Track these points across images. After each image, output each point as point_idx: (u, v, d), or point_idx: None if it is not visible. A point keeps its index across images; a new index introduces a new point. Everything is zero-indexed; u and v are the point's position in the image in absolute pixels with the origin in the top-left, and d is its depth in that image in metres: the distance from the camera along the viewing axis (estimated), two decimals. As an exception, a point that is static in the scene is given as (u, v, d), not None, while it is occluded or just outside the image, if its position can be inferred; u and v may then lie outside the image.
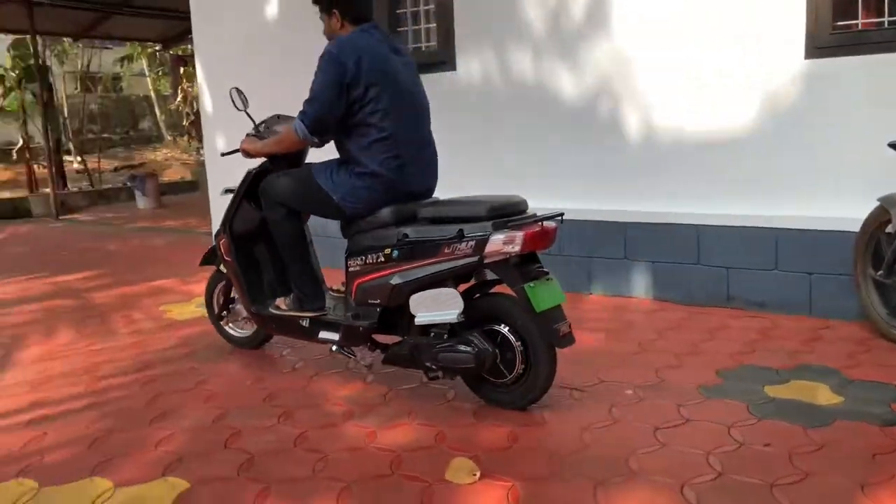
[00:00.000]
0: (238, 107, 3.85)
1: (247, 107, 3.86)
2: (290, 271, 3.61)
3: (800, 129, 4.28)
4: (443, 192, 3.64)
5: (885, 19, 4.10)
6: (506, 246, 2.90)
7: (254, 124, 3.80)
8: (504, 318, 3.08)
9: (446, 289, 3.06)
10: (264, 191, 3.54)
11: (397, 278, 3.15)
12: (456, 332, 3.10)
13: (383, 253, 3.21)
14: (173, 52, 16.44)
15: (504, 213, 3.03)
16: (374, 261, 3.24)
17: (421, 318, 3.10)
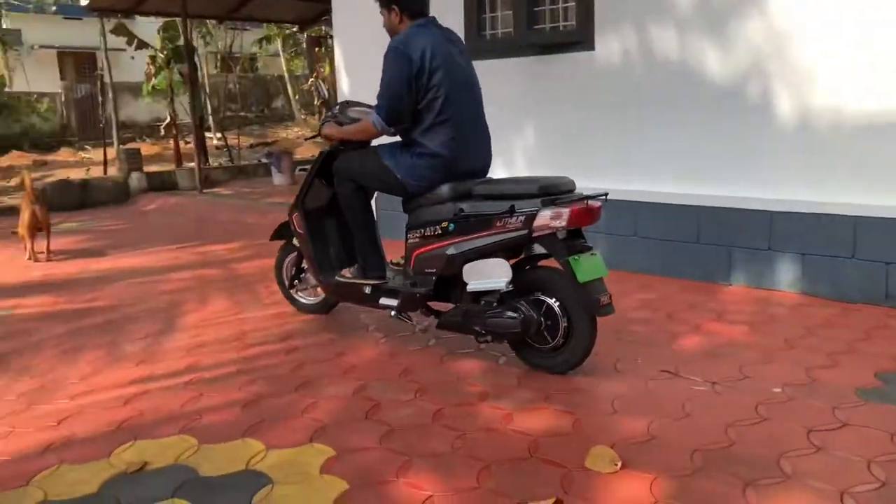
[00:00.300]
0: (321, 96, 4.47)
1: (328, 97, 4.45)
2: (355, 242, 3.97)
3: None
4: (572, 173, 3.62)
5: None
6: (553, 221, 3.17)
7: (331, 111, 4.15)
8: (549, 289, 3.32)
9: (497, 259, 3.33)
10: (337, 169, 3.91)
11: (452, 249, 3.43)
12: (504, 300, 3.35)
13: (440, 226, 3.49)
14: (309, 34, 16.98)
15: (552, 192, 3.27)
16: (432, 233, 3.53)
17: (473, 286, 3.39)
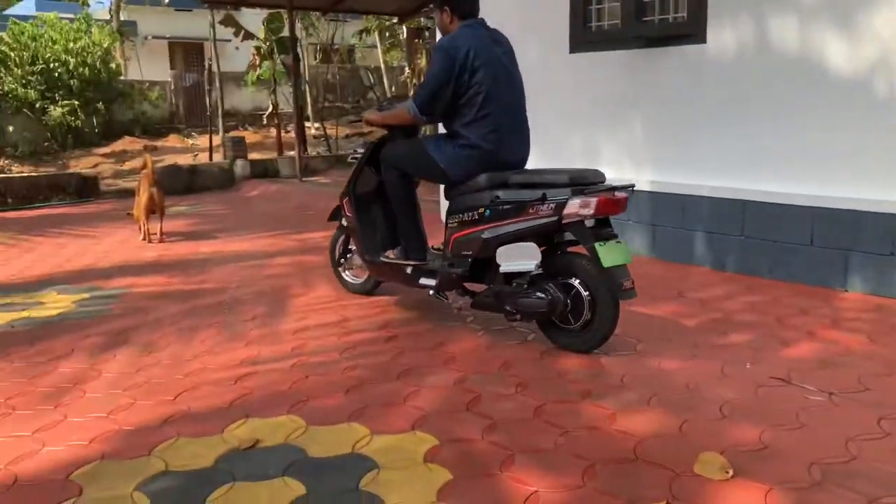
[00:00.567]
0: (370, 84, 5.00)
1: (375, 85, 4.90)
2: (399, 226, 4.24)
3: None
4: (676, 169, 3.51)
5: None
6: (581, 209, 3.40)
7: (379, 104, 4.48)
8: (576, 273, 3.56)
9: (528, 243, 3.58)
10: (384, 157, 4.19)
11: (488, 233, 3.70)
12: (534, 282, 3.60)
13: (477, 212, 3.75)
14: (408, 26, 17.16)
15: (581, 183, 3.51)
16: (470, 218, 3.79)
17: (505, 268, 3.66)
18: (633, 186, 3.55)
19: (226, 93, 16.22)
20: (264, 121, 18.93)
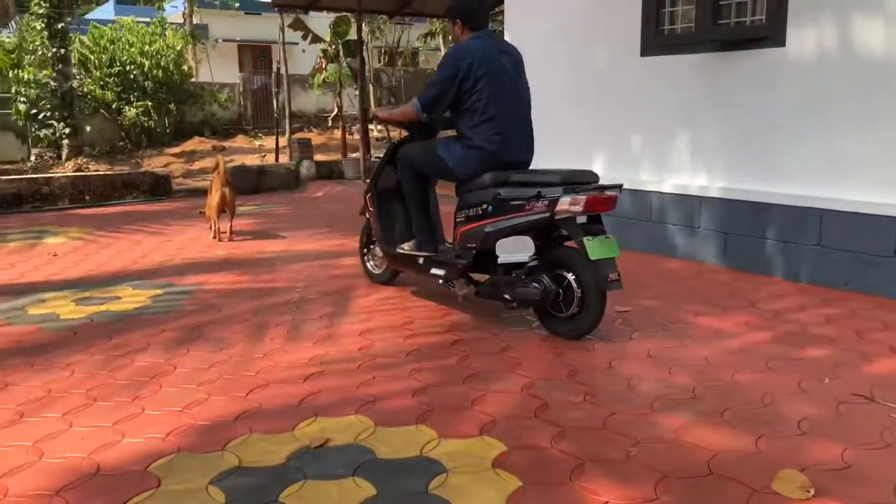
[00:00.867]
0: (385, 85, 5.06)
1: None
2: (413, 220, 4.57)
3: None
4: (748, 175, 3.41)
5: None
6: (571, 206, 3.71)
7: (392, 102, 5.11)
8: (568, 265, 3.86)
9: (523, 237, 3.89)
10: (400, 157, 4.54)
11: (489, 227, 4.02)
12: (531, 273, 3.92)
13: (481, 208, 4.08)
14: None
15: (575, 182, 3.82)
16: (474, 214, 4.12)
17: (502, 259, 3.99)
18: (622, 186, 3.87)
19: (292, 95, 16.52)
20: (329, 123, 19.21)
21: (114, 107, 16.96)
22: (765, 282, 5.13)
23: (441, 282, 4.37)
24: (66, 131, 14.54)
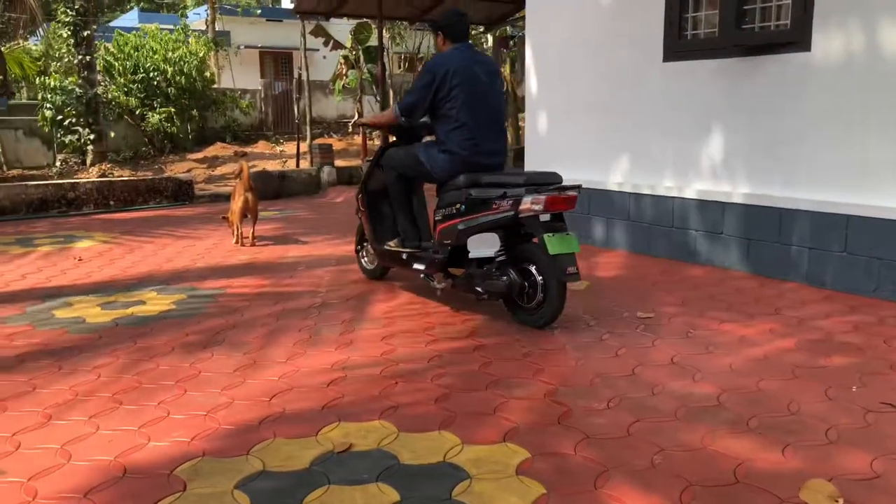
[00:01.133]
0: (371, 93, 5.37)
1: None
2: (397, 219, 4.89)
3: None
4: (773, 181, 3.37)
5: None
6: (533, 205, 4.01)
7: (381, 108, 5.32)
8: (532, 260, 4.17)
9: (490, 233, 4.23)
10: (385, 160, 4.92)
11: (462, 225, 4.34)
12: (500, 267, 4.24)
13: (455, 207, 4.39)
14: (496, 34, 17.21)
15: (537, 183, 4.13)
16: (449, 213, 4.43)
17: (472, 254, 4.32)
18: (580, 187, 4.20)
19: (312, 101, 16.63)
20: (350, 128, 19.30)
21: (137, 113, 17.16)
22: (789, 288, 5.08)
23: (422, 276, 4.74)
24: (91, 137, 14.73)
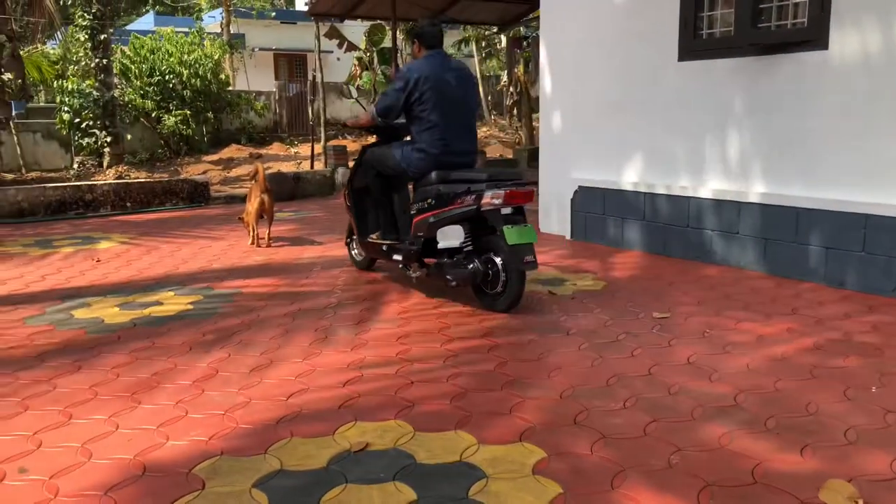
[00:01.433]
0: (353, 97, 5.79)
1: (359, 97, 6.15)
2: (377, 212, 5.28)
3: None
4: (790, 180, 3.34)
5: None
6: (493, 199, 4.38)
7: (364, 109, 5.37)
8: (494, 250, 4.53)
9: (455, 225, 4.61)
10: (364, 159, 5.33)
11: (432, 218, 4.68)
12: (468, 257, 4.62)
13: (427, 202, 4.75)
14: (510, 35, 17.21)
15: (500, 180, 4.49)
16: (422, 207, 4.79)
17: (441, 245, 4.69)
18: (536, 183, 4.75)
19: (327, 102, 16.69)
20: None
21: (153, 115, 17.29)
22: (807, 288, 5.05)
23: (400, 266, 5.11)
24: (108, 140, 14.86)
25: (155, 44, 17.82)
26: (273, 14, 29.51)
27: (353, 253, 6.01)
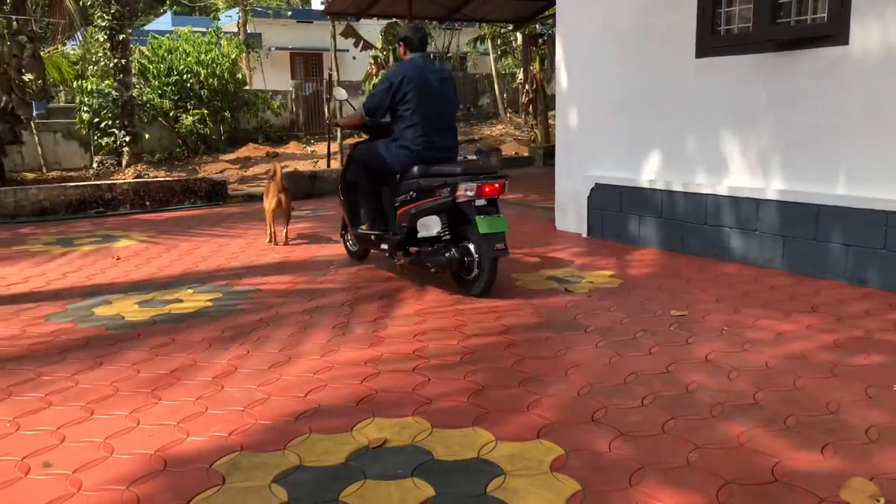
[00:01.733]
0: (340, 98, 6.13)
1: (347, 97, 6.20)
2: (366, 205, 5.57)
3: None
4: (810, 177, 3.31)
5: None
6: (467, 192, 4.70)
7: (354, 109, 5.80)
8: (469, 239, 4.85)
9: (433, 216, 4.94)
10: (352, 155, 5.69)
11: (413, 210, 5.01)
12: (446, 245, 4.93)
13: (409, 194, 5.07)
14: (526, 33, 17.15)
15: (472, 173, 4.80)
16: (405, 199, 5.11)
17: (420, 234, 5.04)
18: (507, 177, 4.88)
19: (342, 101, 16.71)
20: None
21: (171, 115, 17.40)
22: (827, 286, 5.00)
23: (386, 254, 5.45)
24: (127, 139, 14.98)
25: (172, 44, 17.93)
26: (289, 13, 29.62)
27: (347, 244, 6.34)
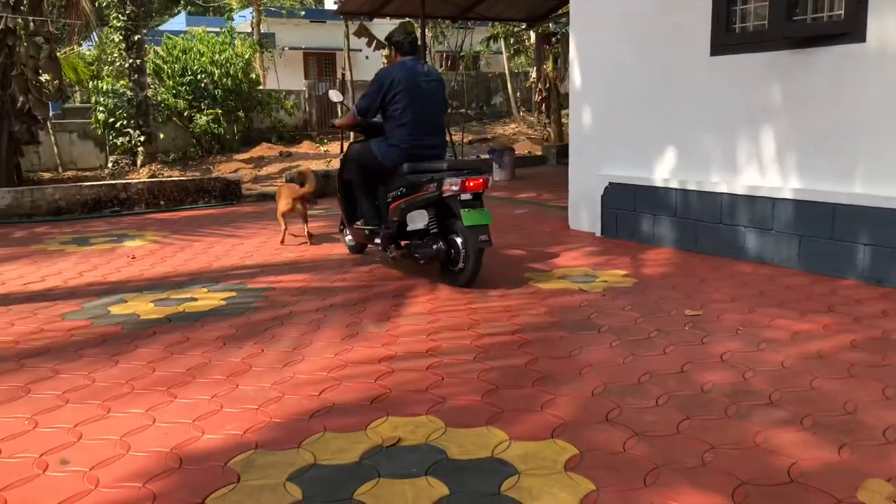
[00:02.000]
0: (336, 101, 6.45)
1: (342, 99, 6.33)
2: (360, 202, 5.83)
3: None
4: (824, 176, 3.28)
5: None
6: (452, 187, 4.93)
7: (349, 109, 5.97)
8: (455, 232, 5.08)
9: (421, 210, 5.20)
10: (347, 154, 5.94)
11: (403, 205, 5.27)
12: (433, 238, 5.16)
13: (399, 190, 5.34)
14: (539, 31, 17.12)
15: (457, 168, 5.09)
16: (396, 195, 5.37)
17: (410, 228, 5.32)
18: (491, 173, 4.96)
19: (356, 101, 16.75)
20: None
21: (185, 115, 17.51)
22: (843, 286, 4.96)
23: (380, 248, 5.70)
24: (141, 139, 15.10)
25: (187, 44, 18.05)
26: (303, 13, 29.72)
27: (346, 239, 6.59)
